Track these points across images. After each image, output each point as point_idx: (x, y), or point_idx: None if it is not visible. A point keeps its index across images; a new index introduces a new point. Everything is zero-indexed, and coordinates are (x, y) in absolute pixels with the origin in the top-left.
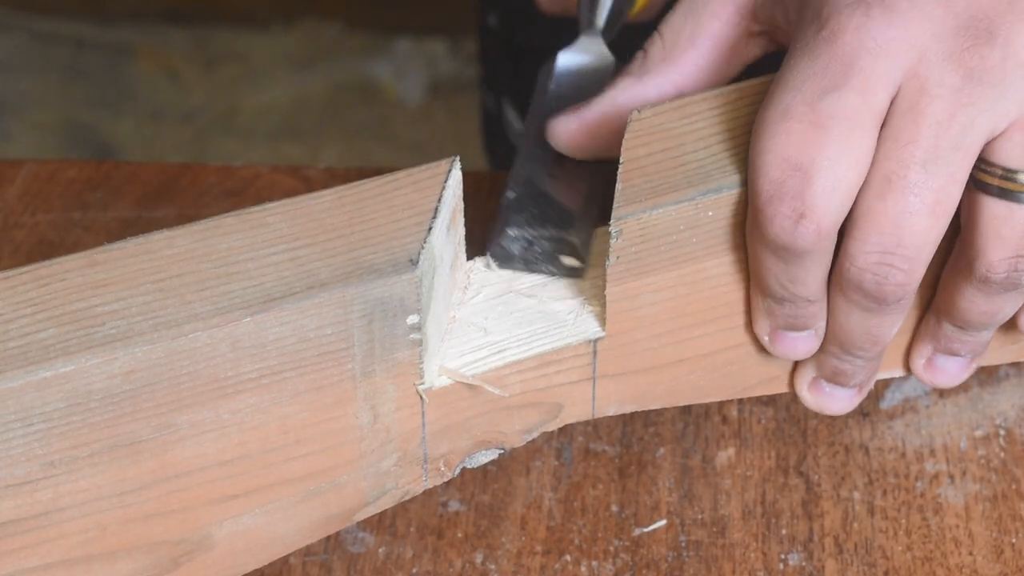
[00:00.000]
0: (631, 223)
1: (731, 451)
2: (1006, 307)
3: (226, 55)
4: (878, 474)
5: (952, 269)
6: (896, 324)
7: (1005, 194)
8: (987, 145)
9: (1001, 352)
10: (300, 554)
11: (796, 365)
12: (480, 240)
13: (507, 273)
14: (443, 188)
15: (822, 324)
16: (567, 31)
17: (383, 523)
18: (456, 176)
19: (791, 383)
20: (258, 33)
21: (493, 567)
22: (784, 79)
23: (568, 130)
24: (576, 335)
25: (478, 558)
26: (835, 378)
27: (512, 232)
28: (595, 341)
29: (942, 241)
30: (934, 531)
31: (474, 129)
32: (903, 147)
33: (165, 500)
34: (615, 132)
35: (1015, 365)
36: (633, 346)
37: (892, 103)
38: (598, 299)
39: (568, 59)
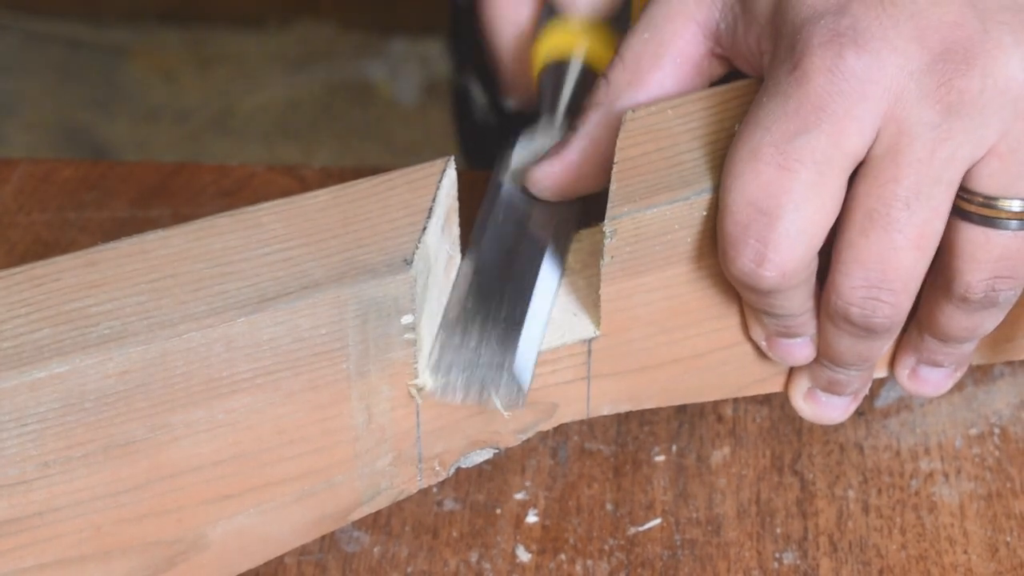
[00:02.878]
0: (625, 222)
1: (726, 450)
2: (986, 322)
3: (221, 56)
4: (873, 473)
5: (932, 287)
6: (886, 346)
7: (985, 221)
8: (966, 173)
9: (996, 351)
10: (295, 554)
11: (791, 375)
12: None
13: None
14: (438, 188)
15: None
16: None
17: (378, 522)
18: (451, 176)
19: (786, 393)
20: (253, 33)
21: (488, 566)
22: (755, 118)
23: (552, 173)
24: (570, 335)
25: (473, 557)
26: (831, 388)
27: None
28: (590, 341)
29: None
30: (928, 530)
31: None
32: (884, 185)
33: (160, 500)
34: (598, 167)
35: (1010, 364)
36: (628, 346)
37: (871, 146)
38: (592, 298)
39: (523, 153)
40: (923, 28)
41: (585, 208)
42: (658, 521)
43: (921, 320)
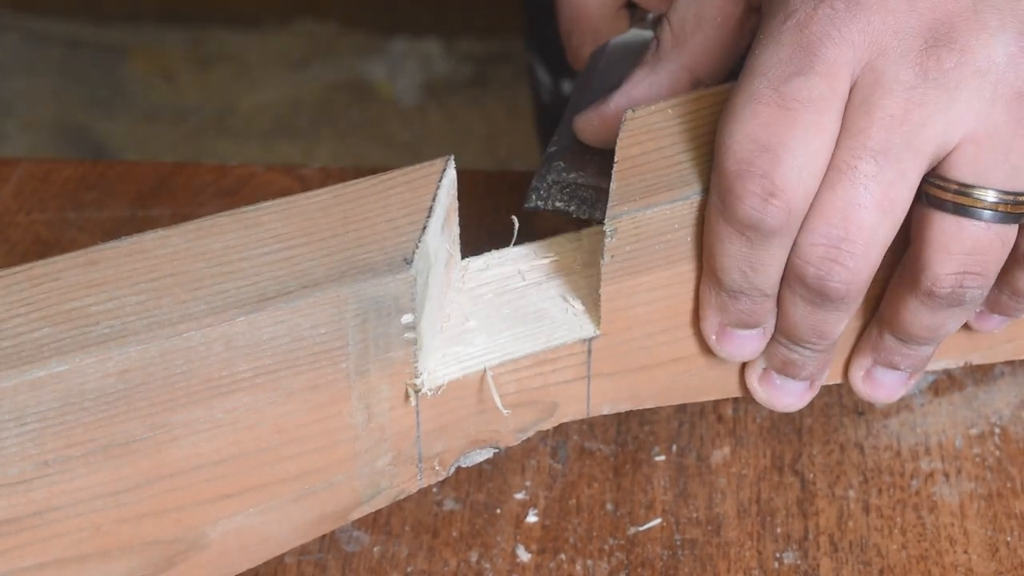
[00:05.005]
0: (625, 222)
1: (726, 450)
2: (948, 323)
3: (221, 55)
4: (873, 472)
5: (898, 281)
6: (842, 322)
7: (959, 210)
8: (942, 161)
9: (996, 351)
10: (295, 553)
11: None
12: (474, 240)
13: (501, 272)
14: (438, 187)
15: (771, 323)
16: None
17: (378, 522)
18: (451, 175)
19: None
20: (253, 33)
21: (488, 566)
22: (751, 66)
23: (590, 126)
24: (571, 334)
25: (473, 557)
26: (785, 369)
27: (551, 177)
28: (590, 340)
29: (892, 255)
30: (929, 529)
31: (469, 129)
32: (854, 137)
33: (159, 499)
34: None
35: (1010, 364)
36: (628, 345)
37: (849, 95)
38: (593, 298)
39: (619, 41)
40: None
41: None
42: (658, 521)
43: (883, 316)
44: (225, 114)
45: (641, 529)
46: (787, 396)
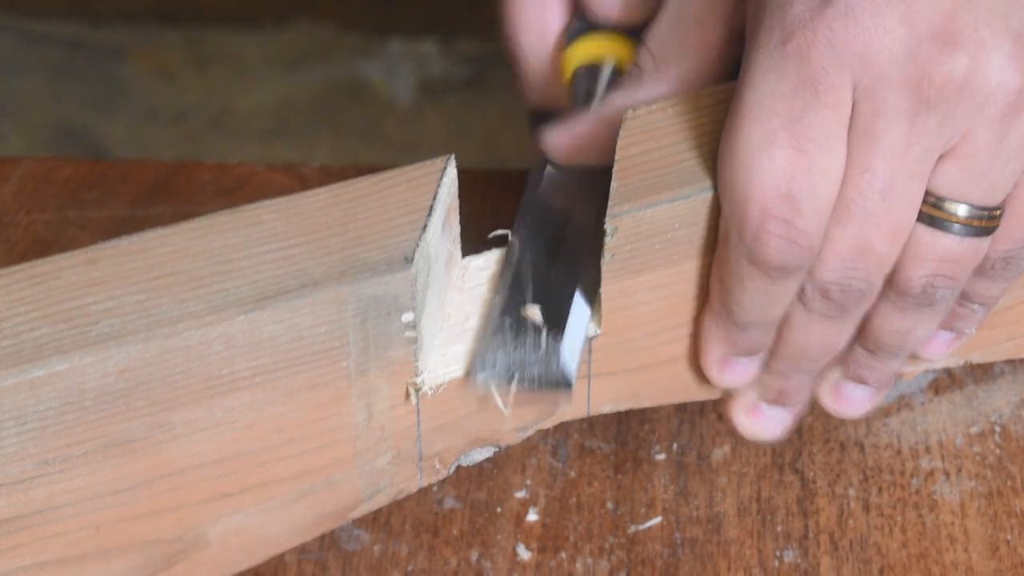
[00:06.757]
0: (626, 221)
1: (726, 448)
2: (918, 327)
3: (219, 55)
4: (873, 471)
5: None
6: (849, 333)
7: (933, 221)
8: None
9: (997, 349)
10: (295, 552)
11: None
12: (475, 238)
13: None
14: (438, 186)
15: (767, 349)
16: None
17: (378, 521)
18: (451, 174)
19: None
20: (251, 33)
21: (488, 565)
22: (755, 99)
23: (558, 142)
24: None
25: (473, 556)
26: (779, 399)
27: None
28: (590, 339)
29: None
30: (929, 528)
31: (466, 128)
32: (861, 175)
33: (159, 498)
34: (603, 144)
35: (1010, 362)
36: (628, 344)
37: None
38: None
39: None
40: (915, 12)
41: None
42: (658, 519)
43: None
44: (223, 114)
45: (641, 527)
46: (775, 426)
